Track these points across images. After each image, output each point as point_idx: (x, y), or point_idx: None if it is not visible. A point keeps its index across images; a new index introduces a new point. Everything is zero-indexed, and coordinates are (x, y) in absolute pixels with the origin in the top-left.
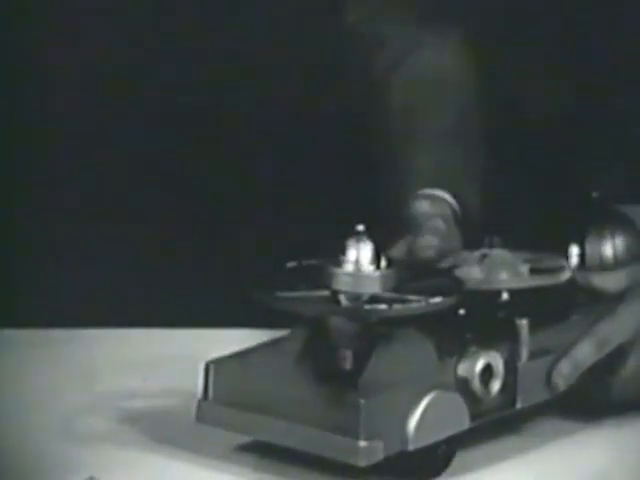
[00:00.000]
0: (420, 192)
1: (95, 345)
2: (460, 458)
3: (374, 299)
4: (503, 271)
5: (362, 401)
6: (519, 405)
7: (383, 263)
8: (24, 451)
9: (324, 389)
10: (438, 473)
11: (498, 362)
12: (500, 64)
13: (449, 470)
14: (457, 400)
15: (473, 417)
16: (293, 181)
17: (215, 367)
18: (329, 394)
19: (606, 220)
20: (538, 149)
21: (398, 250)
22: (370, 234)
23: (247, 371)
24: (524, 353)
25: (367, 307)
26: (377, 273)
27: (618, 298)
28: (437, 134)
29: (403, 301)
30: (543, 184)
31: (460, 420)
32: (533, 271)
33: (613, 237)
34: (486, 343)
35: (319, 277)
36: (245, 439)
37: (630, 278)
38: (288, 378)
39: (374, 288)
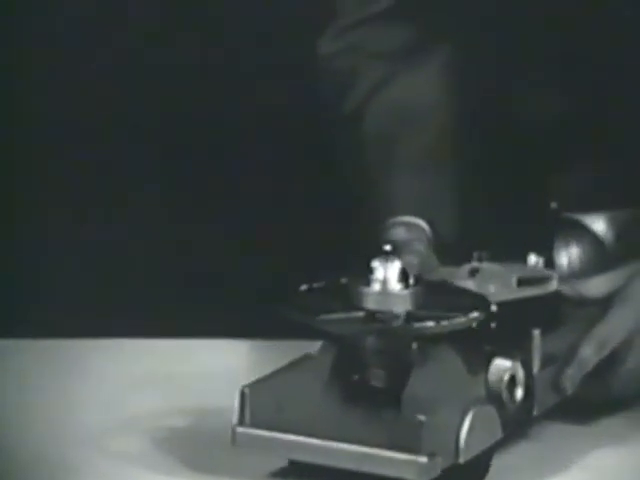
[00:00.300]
0: (395, 219)
1: (108, 355)
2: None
3: (410, 317)
4: (495, 283)
5: (423, 418)
6: (536, 412)
7: (411, 281)
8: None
9: (374, 408)
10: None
11: (519, 372)
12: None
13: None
14: (492, 411)
15: (503, 427)
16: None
17: (251, 391)
18: (381, 412)
19: (566, 229)
20: (499, 163)
21: None
22: (345, 262)
23: (284, 393)
24: (537, 361)
25: (417, 325)
26: (408, 291)
27: (604, 303)
28: (410, 163)
29: (437, 318)
30: (506, 197)
31: (495, 430)
32: (522, 282)
33: (575, 246)
34: (507, 354)
35: (341, 297)
36: (275, 463)
37: (609, 283)
38: (329, 398)
39: (406, 306)
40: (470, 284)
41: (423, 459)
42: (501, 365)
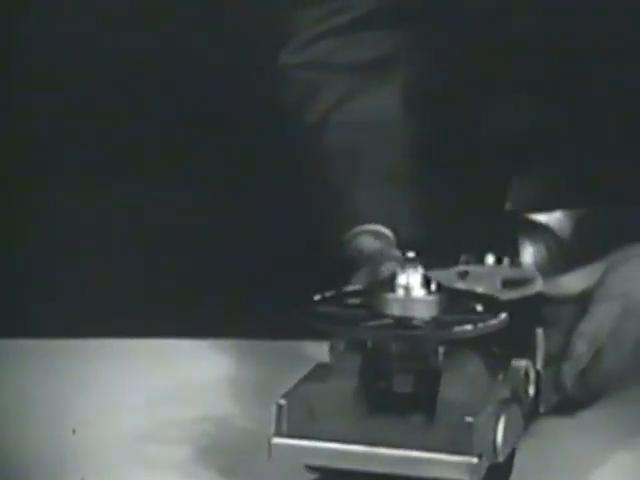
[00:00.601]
0: (360, 228)
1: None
2: None
3: (436, 322)
4: (483, 285)
5: (471, 419)
6: (542, 409)
7: (433, 287)
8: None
9: (407, 412)
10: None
11: (531, 370)
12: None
13: None
14: (517, 410)
15: (525, 424)
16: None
17: (288, 403)
18: (417, 417)
19: (525, 229)
20: (457, 166)
21: (358, 280)
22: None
23: (317, 403)
24: (541, 360)
25: (457, 329)
26: (434, 297)
27: (578, 299)
28: (373, 173)
29: (462, 322)
30: (463, 200)
31: (520, 428)
32: (506, 284)
33: (536, 245)
34: (519, 353)
35: (360, 304)
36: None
37: (582, 280)
38: (361, 404)
39: (432, 311)
40: (462, 286)
41: (474, 459)
42: (518, 365)
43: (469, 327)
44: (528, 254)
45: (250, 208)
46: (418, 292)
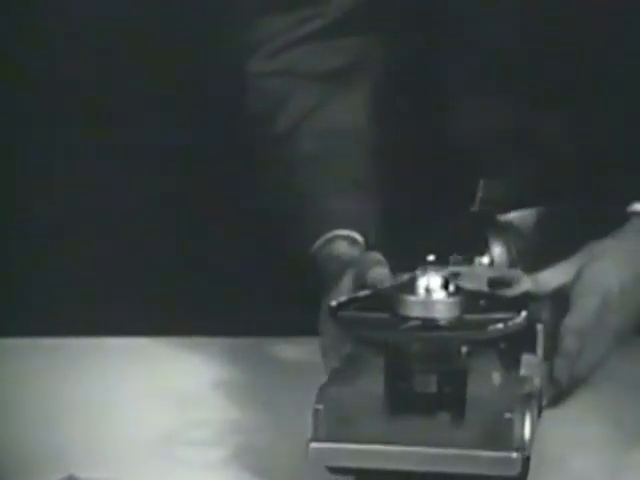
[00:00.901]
0: (332, 234)
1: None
2: None
3: (459, 323)
4: (473, 285)
5: (510, 415)
6: (544, 402)
7: (451, 288)
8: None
9: (439, 411)
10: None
11: (540, 364)
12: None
13: None
14: (535, 403)
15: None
16: None
17: (324, 407)
18: (458, 414)
19: (491, 229)
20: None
21: (344, 285)
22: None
23: (354, 405)
24: (541, 353)
25: (491, 328)
26: (455, 298)
27: (554, 295)
28: (342, 179)
29: (484, 322)
30: (431, 202)
31: (537, 422)
32: (492, 283)
33: (504, 243)
34: (523, 349)
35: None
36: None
37: (558, 277)
38: (391, 405)
39: (454, 312)
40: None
41: (513, 454)
42: (530, 360)
43: (500, 326)
44: (496, 254)
45: (219, 212)
46: (439, 294)
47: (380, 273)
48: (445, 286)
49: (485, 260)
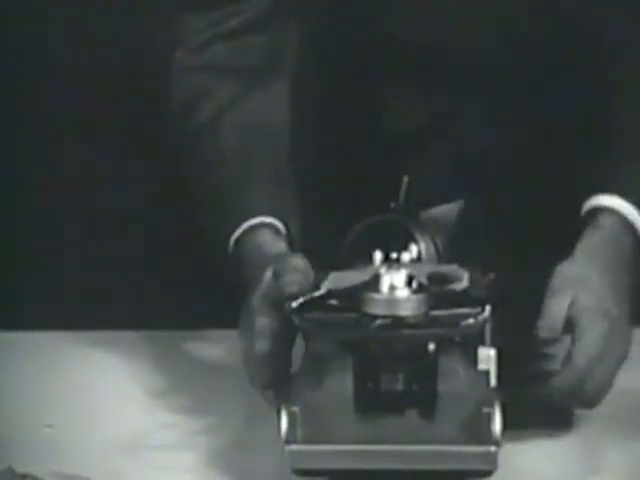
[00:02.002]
0: (253, 221)
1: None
2: None
3: (429, 319)
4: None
5: (488, 409)
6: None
7: (414, 285)
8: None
9: (423, 407)
10: None
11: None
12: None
13: None
14: (500, 397)
15: None
16: None
17: (300, 409)
18: (435, 410)
19: (412, 225)
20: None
21: (265, 281)
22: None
23: (328, 406)
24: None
25: (464, 324)
26: (420, 295)
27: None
28: (265, 170)
29: (451, 319)
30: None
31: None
32: (432, 279)
33: (427, 240)
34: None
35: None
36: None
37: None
38: (365, 405)
39: (420, 309)
40: None
41: (492, 448)
42: (486, 353)
43: (472, 321)
44: (422, 249)
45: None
46: (403, 291)
47: (292, 279)
48: (409, 283)
49: (412, 255)
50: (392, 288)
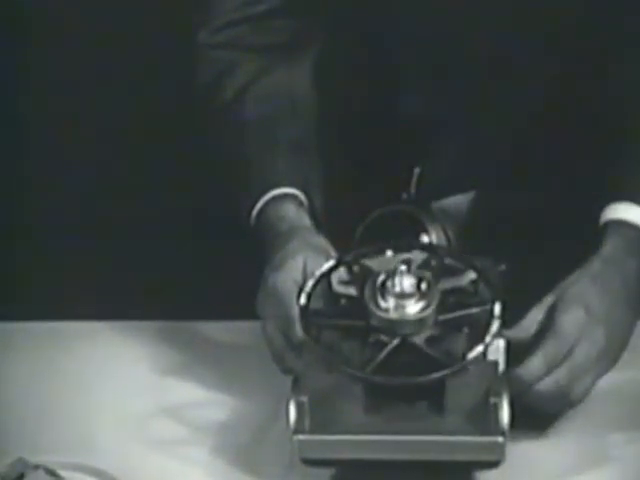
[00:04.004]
0: (280, 190)
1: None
2: None
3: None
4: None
5: (496, 400)
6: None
7: (423, 287)
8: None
9: (432, 398)
10: None
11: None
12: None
13: None
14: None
15: None
16: None
17: (309, 399)
18: (443, 401)
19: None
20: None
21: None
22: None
23: (337, 396)
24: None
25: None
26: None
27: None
28: (288, 142)
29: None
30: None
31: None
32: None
33: (438, 229)
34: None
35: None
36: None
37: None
38: (372, 396)
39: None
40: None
41: (499, 439)
42: (500, 343)
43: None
44: (433, 238)
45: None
46: (410, 308)
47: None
48: (418, 286)
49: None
50: (401, 295)
